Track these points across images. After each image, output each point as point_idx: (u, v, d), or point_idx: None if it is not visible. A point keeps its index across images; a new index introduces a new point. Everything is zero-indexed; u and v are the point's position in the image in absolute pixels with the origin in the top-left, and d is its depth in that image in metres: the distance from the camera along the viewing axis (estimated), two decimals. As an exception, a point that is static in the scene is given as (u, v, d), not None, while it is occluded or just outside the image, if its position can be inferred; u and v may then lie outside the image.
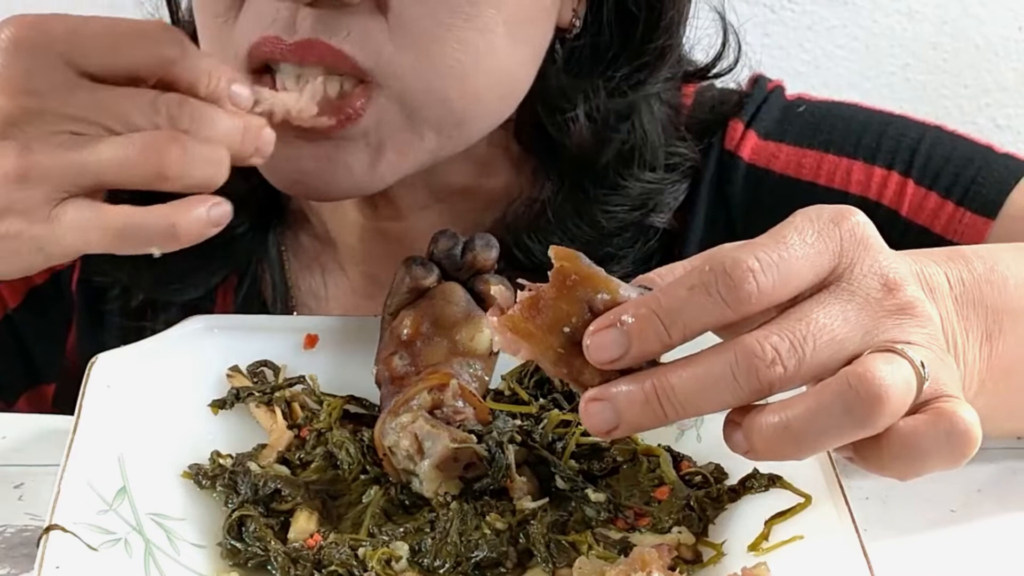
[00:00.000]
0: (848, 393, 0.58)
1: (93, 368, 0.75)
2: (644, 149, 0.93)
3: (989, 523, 0.75)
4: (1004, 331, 0.68)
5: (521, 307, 0.60)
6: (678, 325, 0.59)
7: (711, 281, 0.59)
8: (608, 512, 0.71)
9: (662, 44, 0.91)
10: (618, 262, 0.93)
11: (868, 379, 0.58)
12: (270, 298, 0.98)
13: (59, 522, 0.65)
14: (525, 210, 0.94)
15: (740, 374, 0.59)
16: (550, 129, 0.92)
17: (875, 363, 0.58)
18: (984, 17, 1.73)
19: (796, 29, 1.73)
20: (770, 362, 0.58)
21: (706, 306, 0.59)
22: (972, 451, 0.60)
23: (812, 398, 0.59)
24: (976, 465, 0.79)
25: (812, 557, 0.64)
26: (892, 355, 0.59)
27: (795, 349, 0.59)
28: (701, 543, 0.69)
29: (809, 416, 0.58)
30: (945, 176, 0.92)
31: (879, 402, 0.58)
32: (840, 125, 0.95)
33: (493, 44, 0.82)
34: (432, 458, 0.70)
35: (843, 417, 0.58)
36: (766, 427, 0.59)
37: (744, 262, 0.59)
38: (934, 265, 0.67)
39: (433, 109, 0.82)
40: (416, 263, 0.78)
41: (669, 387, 0.59)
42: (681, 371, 0.60)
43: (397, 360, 0.76)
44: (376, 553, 0.67)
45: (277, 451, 0.75)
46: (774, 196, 0.95)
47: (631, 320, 0.59)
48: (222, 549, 0.69)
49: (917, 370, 0.59)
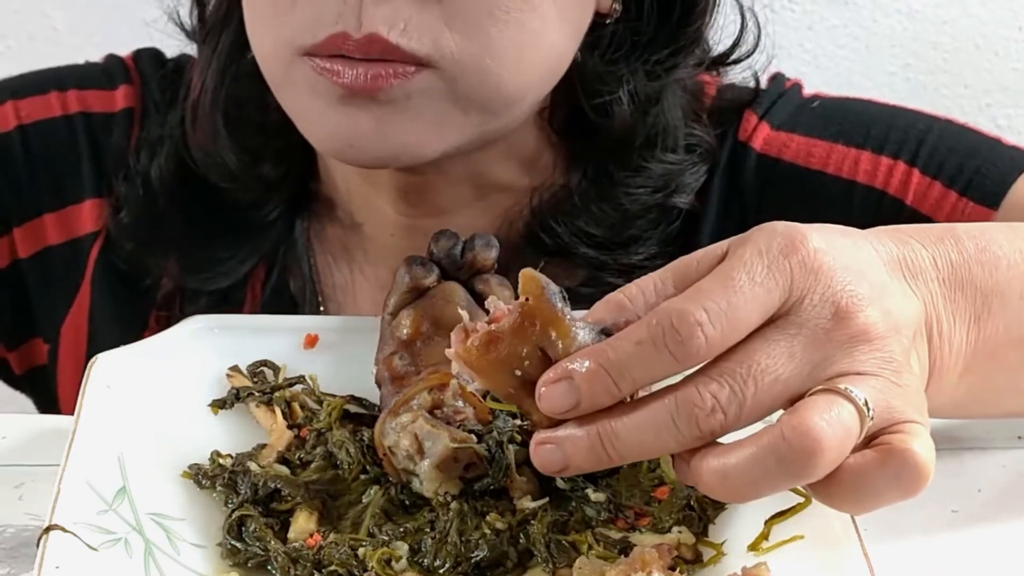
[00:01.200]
0: (782, 446, 0.57)
1: (93, 368, 0.75)
2: (667, 131, 0.94)
3: (989, 523, 0.75)
4: (993, 312, 0.68)
5: (479, 342, 0.61)
6: (627, 380, 0.59)
7: (658, 336, 0.58)
8: (608, 512, 0.71)
9: (697, 27, 0.93)
10: (643, 244, 0.94)
11: (802, 432, 0.57)
12: (298, 290, 0.99)
13: (59, 522, 0.64)
14: (552, 195, 0.95)
15: (681, 423, 0.58)
16: (590, 113, 0.93)
17: (811, 413, 0.57)
18: (984, 17, 1.73)
19: (796, 29, 1.73)
20: (710, 411, 0.58)
21: (654, 360, 0.59)
22: (924, 484, 0.59)
23: (748, 448, 0.58)
24: (976, 465, 0.80)
25: (812, 557, 0.64)
26: (834, 398, 0.58)
27: (735, 395, 0.58)
28: (701, 543, 0.69)
29: (745, 467, 0.58)
30: (949, 166, 0.92)
31: (813, 455, 0.57)
32: (851, 117, 0.96)
33: (545, 25, 0.83)
34: (432, 458, 0.70)
35: (778, 469, 0.57)
36: (706, 472, 0.59)
37: (691, 315, 0.58)
38: (920, 247, 0.66)
39: (485, 89, 0.83)
40: (416, 263, 0.78)
41: (613, 434, 0.60)
42: (626, 418, 0.59)
43: (397, 360, 0.76)
44: (376, 553, 0.67)
45: (277, 451, 0.75)
46: (784, 185, 0.96)
47: (582, 372, 0.59)
48: (222, 549, 0.69)
49: (860, 410, 0.58)
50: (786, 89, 0.99)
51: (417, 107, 0.82)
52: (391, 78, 0.80)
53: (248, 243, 0.98)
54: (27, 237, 1.02)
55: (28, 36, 1.68)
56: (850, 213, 0.93)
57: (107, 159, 1.01)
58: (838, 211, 0.92)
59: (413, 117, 0.82)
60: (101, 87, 1.03)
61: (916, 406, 0.61)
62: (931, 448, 0.59)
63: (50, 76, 1.04)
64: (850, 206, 0.93)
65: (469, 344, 0.61)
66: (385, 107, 0.81)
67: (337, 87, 0.81)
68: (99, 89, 1.03)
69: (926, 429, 0.60)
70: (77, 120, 1.02)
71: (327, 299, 0.99)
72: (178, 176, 0.98)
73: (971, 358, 0.67)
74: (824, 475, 0.58)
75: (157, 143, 0.99)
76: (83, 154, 1.01)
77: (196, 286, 0.98)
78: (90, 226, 1.01)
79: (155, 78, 1.03)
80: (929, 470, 0.59)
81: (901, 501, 0.60)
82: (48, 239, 1.02)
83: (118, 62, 1.05)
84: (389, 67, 0.80)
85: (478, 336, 0.61)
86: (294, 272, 0.99)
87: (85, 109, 1.02)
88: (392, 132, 0.82)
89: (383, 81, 0.80)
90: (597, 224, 0.93)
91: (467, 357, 0.61)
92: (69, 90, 1.02)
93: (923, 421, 0.61)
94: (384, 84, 0.80)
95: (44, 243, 1.02)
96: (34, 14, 1.68)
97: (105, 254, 1.00)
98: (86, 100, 1.02)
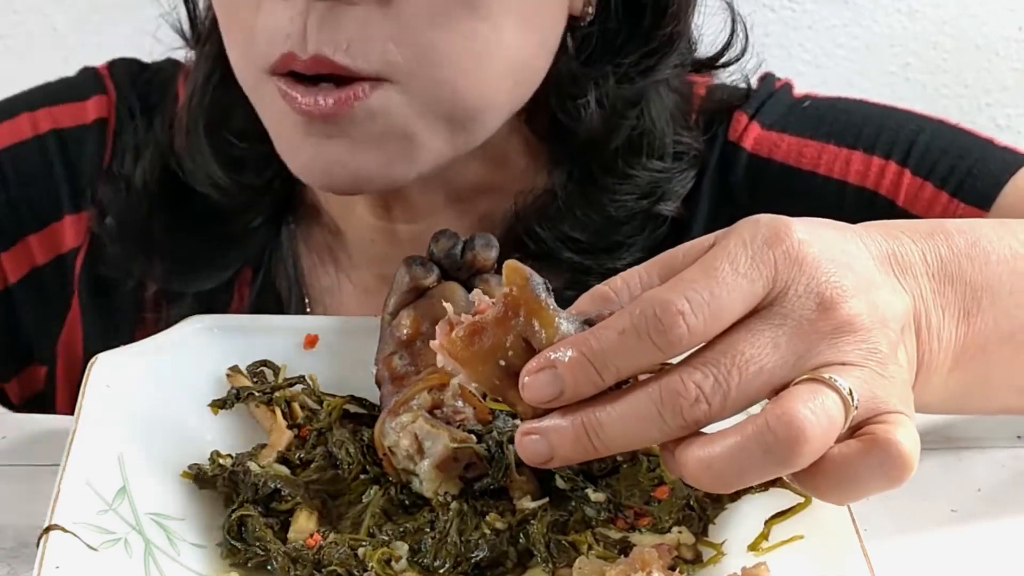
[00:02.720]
0: (767, 435, 0.57)
1: (93, 368, 0.75)
2: (652, 137, 0.93)
3: (989, 523, 0.75)
4: (983, 308, 0.67)
5: (463, 333, 0.61)
6: (610, 369, 0.59)
7: (641, 325, 0.58)
8: (608, 512, 0.71)
9: (671, 31, 0.92)
10: (627, 249, 0.93)
11: (787, 421, 0.57)
12: (284, 293, 0.99)
13: (59, 522, 0.64)
14: (535, 199, 0.94)
15: (665, 413, 0.58)
16: (561, 116, 0.92)
17: (796, 402, 0.57)
18: (984, 17, 1.73)
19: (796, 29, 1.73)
20: (694, 400, 0.58)
21: (637, 350, 0.59)
22: (909, 474, 0.59)
23: (733, 437, 0.58)
24: (976, 465, 0.80)
25: (812, 557, 0.64)
26: (818, 387, 0.58)
27: (720, 385, 0.58)
28: (701, 543, 0.69)
29: (730, 456, 0.58)
30: (941, 167, 0.92)
31: (798, 443, 0.57)
32: (843, 118, 0.96)
33: (500, 34, 0.82)
34: (432, 458, 0.70)
35: (763, 458, 0.58)
36: (691, 462, 0.59)
37: (674, 305, 0.58)
38: (910, 242, 0.66)
39: (443, 102, 0.82)
40: (416, 263, 0.78)
41: (598, 424, 0.59)
42: (610, 408, 0.59)
43: (397, 360, 0.76)
44: (376, 553, 0.67)
45: (277, 451, 0.75)
46: (775, 185, 0.95)
47: (565, 361, 0.59)
48: (222, 549, 0.69)
49: (845, 400, 0.58)
50: (776, 89, 0.99)
51: (383, 127, 0.82)
52: (351, 101, 0.80)
53: (234, 247, 0.98)
54: (14, 261, 1.02)
55: (28, 36, 1.68)
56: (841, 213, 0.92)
57: (83, 172, 1.01)
58: (829, 211, 0.91)
59: (380, 138, 0.82)
60: (71, 100, 1.03)
61: (902, 398, 0.61)
62: (915, 439, 0.59)
63: (21, 99, 1.04)
64: (841, 206, 0.93)
65: (453, 335, 0.61)
66: (351, 132, 0.81)
67: (299, 115, 0.81)
68: (69, 103, 1.03)
69: (911, 420, 0.60)
70: (48, 139, 1.02)
71: (314, 302, 0.99)
72: (162, 181, 0.97)
73: (960, 353, 0.67)
74: (808, 463, 0.58)
75: (142, 147, 0.99)
76: (58, 172, 1.01)
77: (180, 288, 0.98)
78: (72, 241, 1.01)
79: (131, 86, 1.03)
80: (913, 460, 0.59)
81: (886, 491, 0.60)
82: (35, 259, 1.02)
83: (92, 74, 1.05)
84: (348, 90, 0.80)
85: (462, 327, 0.61)
86: (280, 275, 0.99)
87: (56, 126, 1.02)
88: (363, 158, 0.82)
89: (344, 106, 0.80)
90: (582, 229, 0.93)
91: (451, 348, 0.61)
92: (39, 109, 1.02)
93: (908, 412, 0.61)
94: (345, 109, 0.80)
95: (31, 263, 1.02)
96: (34, 14, 1.68)
97: (88, 265, 1.01)
98: (56, 116, 1.02)
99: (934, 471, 0.79)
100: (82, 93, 1.03)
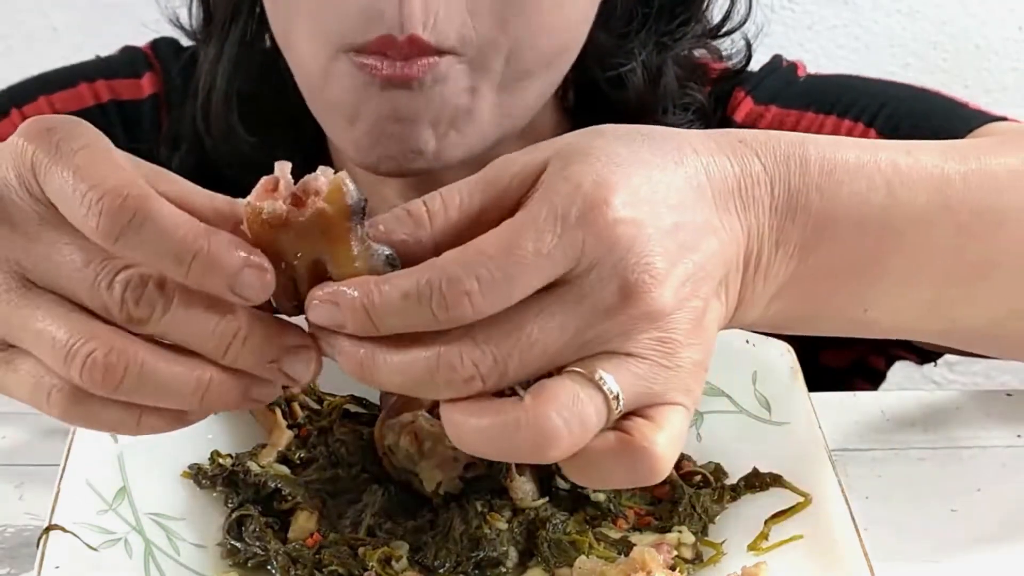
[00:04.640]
0: (518, 433, 0.56)
1: (93, 368, 0.75)
2: (665, 96, 0.96)
3: (989, 523, 0.75)
4: (823, 242, 0.65)
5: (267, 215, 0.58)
6: (387, 325, 0.58)
7: (425, 295, 0.57)
8: (608, 512, 0.71)
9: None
10: None
11: (538, 426, 0.56)
12: None
13: (59, 522, 0.65)
14: None
15: (440, 381, 0.57)
16: (604, 87, 0.95)
17: (550, 407, 0.57)
18: (984, 17, 1.73)
19: (796, 29, 1.73)
20: (468, 378, 0.57)
21: (416, 316, 0.57)
22: (660, 476, 0.58)
23: (490, 416, 0.57)
24: (976, 465, 0.80)
25: (812, 557, 0.64)
26: (581, 388, 0.57)
27: (497, 365, 0.57)
28: (701, 543, 0.69)
29: (482, 432, 0.57)
30: (905, 125, 0.93)
31: (544, 449, 0.56)
32: (829, 89, 0.99)
33: (563, 6, 0.84)
34: (432, 458, 0.70)
35: (510, 446, 0.57)
36: (447, 422, 0.58)
37: (462, 284, 0.56)
38: (761, 169, 0.64)
39: (503, 67, 0.84)
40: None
41: (373, 366, 0.58)
42: (389, 356, 0.58)
43: (397, 360, 0.76)
44: (376, 553, 0.67)
45: (277, 451, 0.75)
46: None
47: (347, 302, 0.58)
48: (222, 549, 0.69)
49: (608, 403, 0.57)
50: (780, 67, 1.02)
51: (447, 94, 0.83)
52: (425, 68, 0.82)
53: None
54: None
55: (28, 36, 1.68)
56: None
57: (140, 148, 1.01)
58: None
59: (439, 109, 0.83)
60: (127, 75, 1.04)
61: (684, 388, 0.59)
62: (676, 438, 0.58)
63: (76, 70, 1.05)
64: None
65: (261, 205, 0.58)
66: (418, 94, 0.82)
67: (377, 79, 0.82)
68: (125, 78, 1.04)
69: (686, 413, 0.59)
70: (111, 108, 1.03)
71: None
72: (198, 170, 0.98)
73: (783, 286, 0.66)
74: (559, 459, 0.58)
75: (178, 138, 1.00)
76: (120, 141, 1.01)
77: None
78: None
79: (175, 66, 1.04)
80: (665, 464, 0.58)
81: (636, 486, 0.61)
82: None
83: (137, 51, 1.06)
84: (423, 60, 0.82)
85: (273, 208, 0.58)
86: None
87: (116, 97, 1.03)
88: (418, 130, 0.83)
89: (423, 71, 0.82)
90: None
91: (251, 215, 0.58)
92: (96, 81, 1.03)
93: (687, 403, 0.59)
94: (419, 73, 0.82)
95: None
96: (34, 14, 1.68)
97: None
98: (115, 89, 1.03)
99: (934, 471, 0.79)
100: (136, 70, 1.04)
